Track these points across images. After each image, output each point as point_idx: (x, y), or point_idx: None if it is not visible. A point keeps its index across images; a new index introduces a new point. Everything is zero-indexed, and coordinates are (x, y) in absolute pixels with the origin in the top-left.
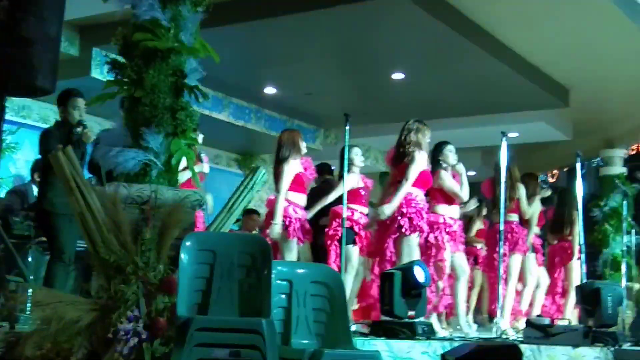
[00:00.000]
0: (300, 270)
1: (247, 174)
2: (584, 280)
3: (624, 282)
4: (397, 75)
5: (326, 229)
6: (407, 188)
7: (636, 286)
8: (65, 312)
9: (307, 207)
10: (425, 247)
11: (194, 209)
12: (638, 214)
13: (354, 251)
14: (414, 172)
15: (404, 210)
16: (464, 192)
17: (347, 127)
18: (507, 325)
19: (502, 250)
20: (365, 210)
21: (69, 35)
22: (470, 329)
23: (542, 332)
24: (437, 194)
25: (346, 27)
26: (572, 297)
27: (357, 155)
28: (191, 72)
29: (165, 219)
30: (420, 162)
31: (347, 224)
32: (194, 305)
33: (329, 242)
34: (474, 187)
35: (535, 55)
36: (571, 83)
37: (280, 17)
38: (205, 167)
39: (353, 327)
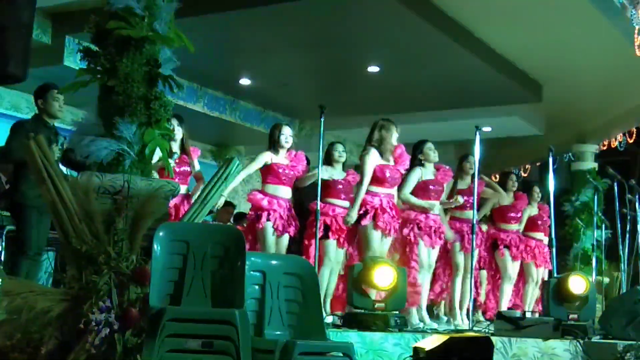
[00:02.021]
0: (274, 262)
1: (221, 165)
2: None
3: (593, 276)
4: (373, 68)
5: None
6: (364, 188)
7: (606, 280)
8: (36, 302)
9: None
10: (400, 243)
11: (168, 199)
12: (608, 208)
13: (329, 245)
14: (367, 171)
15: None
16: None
17: (322, 119)
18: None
19: (474, 244)
20: (342, 203)
21: (41, 23)
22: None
23: (513, 324)
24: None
25: (322, 18)
26: None
27: (336, 150)
28: (165, 61)
29: (138, 209)
30: (372, 160)
31: (321, 218)
32: (166, 295)
33: (307, 237)
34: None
35: (510, 51)
36: (544, 78)
37: (256, 8)
38: (196, 164)
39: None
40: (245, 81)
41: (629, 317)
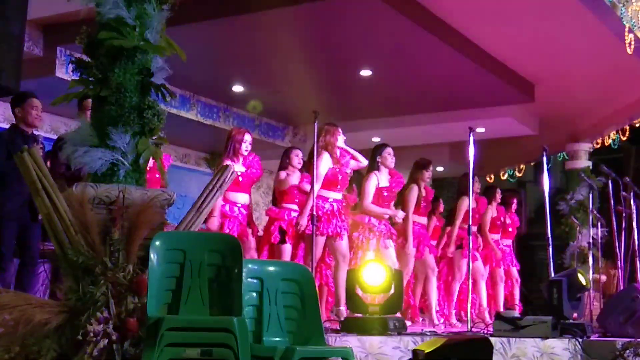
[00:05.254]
0: (271, 268)
1: (216, 173)
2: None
3: (590, 274)
4: (365, 72)
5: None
6: (316, 191)
7: (603, 278)
8: (34, 314)
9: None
10: (350, 247)
11: (163, 209)
12: (603, 206)
13: (284, 249)
14: (319, 174)
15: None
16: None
17: (316, 125)
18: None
19: (470, 246)
20: (296, 207)
21: (32, 35)
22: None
23: (511, 324)
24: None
25: (313, 24)
26: None
27: (297, 156)
28: (158, 70)
29: (134, 219)
30: (325, 163)
31: (276, 223)
32: (164, 305)
33: (260, 243)
34: (443, 183)
35: (501, 52)
36: (536, 78)
37: (247, 15)
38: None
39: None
40: (238, 88)
41: (627, 315)
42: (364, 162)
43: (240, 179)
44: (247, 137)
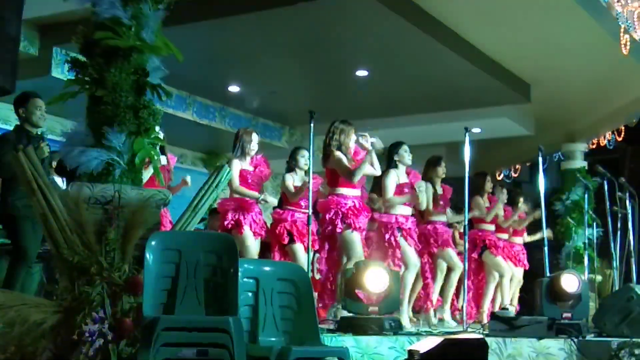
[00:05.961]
0: (267, 268)
1: (212, 173)
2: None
3: (586, 275)
4: (361, 73)
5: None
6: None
7: (598, 278)
8: (29, 314)
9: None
10: (383, 247)
11: (159, 208)
12: (599, 206)
13: (297, 249)
14: (345, 168)
15: (336, 209)
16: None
17: (312, 125)
18: (449, 318)
19: (466, 245)
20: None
21: (28, 35)
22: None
23: (507, 324)
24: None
25: (309, 24)
26: None
27: (303, 157)
28: (153, 70)
29: (130, 219)
30: (344, 160)
31: (281, 224)
32: (160, 304)
33: (272, 243)
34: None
35: (497, 52)
36: (532, 79)
37: (243, 15)
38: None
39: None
40: (234, 88)
41: (623, 315)
42: (378, 173)
43: (249, 177)
44: (255, 137)
